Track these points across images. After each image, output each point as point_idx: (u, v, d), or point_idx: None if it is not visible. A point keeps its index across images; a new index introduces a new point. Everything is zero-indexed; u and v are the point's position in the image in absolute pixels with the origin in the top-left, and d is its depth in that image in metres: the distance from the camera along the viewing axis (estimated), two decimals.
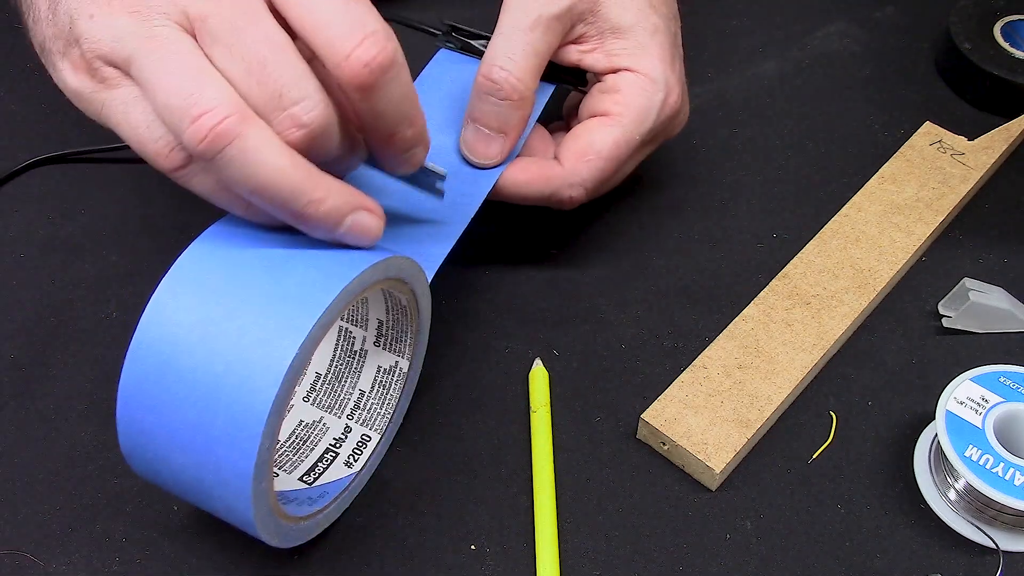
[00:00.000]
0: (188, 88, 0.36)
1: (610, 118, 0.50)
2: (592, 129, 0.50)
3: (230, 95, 0.36)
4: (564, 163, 0.50)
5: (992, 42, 0.63)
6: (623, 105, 0.50)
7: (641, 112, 0.50)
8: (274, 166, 0.36)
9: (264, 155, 0.36)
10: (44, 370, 0.51)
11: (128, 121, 0.39)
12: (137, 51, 0.38)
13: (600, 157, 0.50)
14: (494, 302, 0.54)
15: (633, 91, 0.50)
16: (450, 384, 0.51)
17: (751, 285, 0.54)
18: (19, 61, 0.67)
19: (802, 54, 0.67)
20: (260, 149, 0.36)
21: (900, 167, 0.59)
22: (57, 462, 0.48)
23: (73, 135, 0.62)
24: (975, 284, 0.53)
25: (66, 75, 0.41)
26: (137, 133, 0.39)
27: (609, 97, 0.51)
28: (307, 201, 0.37)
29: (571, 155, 0.50)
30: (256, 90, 0.36)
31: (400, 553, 0.45)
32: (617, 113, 0.50)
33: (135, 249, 0.56)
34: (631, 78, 0.51)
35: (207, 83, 0.36)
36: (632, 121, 0.50)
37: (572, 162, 0.50)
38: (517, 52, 0.48)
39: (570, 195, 0.50)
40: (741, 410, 0.48)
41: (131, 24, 0.38)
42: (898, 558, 0.45)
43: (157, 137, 0.39)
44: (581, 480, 0.47)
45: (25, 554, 0.45)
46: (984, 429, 0.45)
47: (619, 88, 0.51)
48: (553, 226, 0.57)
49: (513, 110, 0.49)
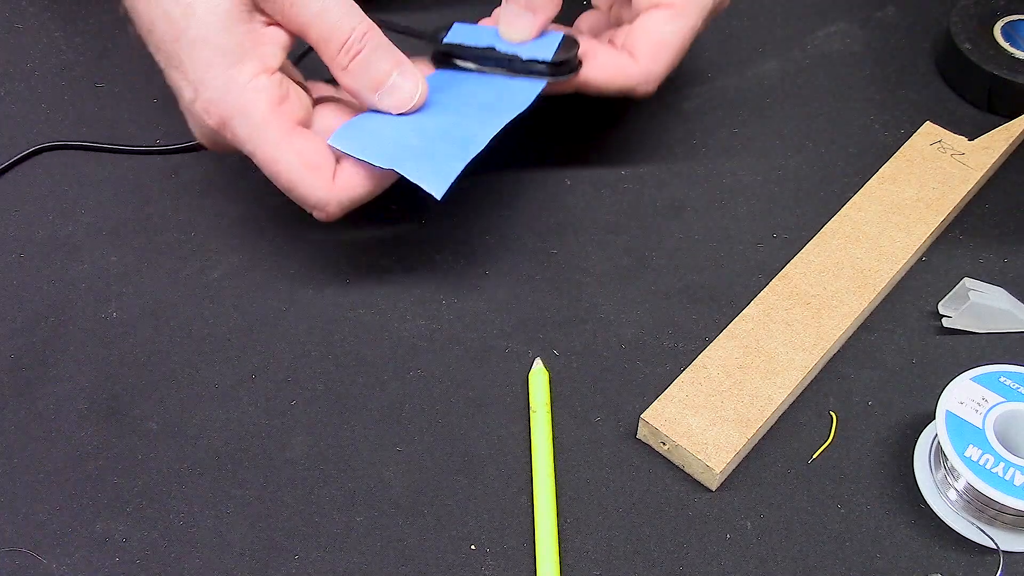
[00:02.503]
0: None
1: (673, 10, 0.53)
2: (660, 24, 0.53)
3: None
4: (639, 60, 0.53)
5: (992, 42, 0.63)
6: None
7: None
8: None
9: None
10: (44, 370, 0.51)
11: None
12: None
13: (672, 52, 0.53)
14: (494, 302, 0.54)
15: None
16: (450, 384, 0.51)
17: (751, 285, 0.54)
18: (21, 54, 0.67)
19: (802, 54, 0.67)
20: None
21: (900, 167, 0.59)
22: (57, 462, 0.48)
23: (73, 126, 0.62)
24: (975, 284, 0.53)
25: None
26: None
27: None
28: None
29: (645, 53, 0.53)
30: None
31: (400, 553, 0.45)
32: (680, 4, 0.53)
33: (135, 249, 0.56)
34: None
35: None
36: (694, 9, 0.53)
37: (647, 61, 0.53)
38: None
39: (647, 89, 0.54)
40: (741, 410, 0.48)
41: None
42: (898, 558, 0.45)
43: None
44: (581, 480, 0.47)
45: (27, 552, 0.45)
46: (984, 429, 0.45)
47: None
48: (553, 226, 0.57)
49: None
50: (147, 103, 0.64)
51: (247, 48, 0.47)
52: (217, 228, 0.57)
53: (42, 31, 0.69)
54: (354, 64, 0.48)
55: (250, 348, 0.52)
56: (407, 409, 0.50)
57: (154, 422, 0.49)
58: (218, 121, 0.48)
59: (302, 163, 0.48)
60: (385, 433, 0.49)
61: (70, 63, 0.67)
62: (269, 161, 0.48)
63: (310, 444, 0.48)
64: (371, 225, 0.57)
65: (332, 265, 0.55)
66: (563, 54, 0.53)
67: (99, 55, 0.67)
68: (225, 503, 0.46)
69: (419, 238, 0.57)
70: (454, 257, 0.56)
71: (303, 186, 0.48)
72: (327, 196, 0.49)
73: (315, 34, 0.48)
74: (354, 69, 0.49)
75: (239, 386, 0.50)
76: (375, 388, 0.50)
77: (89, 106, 0.64)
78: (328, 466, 0.48)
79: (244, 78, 0.47)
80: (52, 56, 0.67)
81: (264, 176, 0.49)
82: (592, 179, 0.59)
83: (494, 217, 0.58)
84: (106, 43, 0.68)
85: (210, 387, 0.50)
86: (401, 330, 0.53)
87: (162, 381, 0.51)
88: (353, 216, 0.50)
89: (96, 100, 0.64)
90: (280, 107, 0.48)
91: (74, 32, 0.69)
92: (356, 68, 0.49)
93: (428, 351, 0.52)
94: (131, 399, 0.50)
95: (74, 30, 0.69)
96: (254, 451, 0.48)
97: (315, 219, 0.50)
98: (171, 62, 0.48)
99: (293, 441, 0.49)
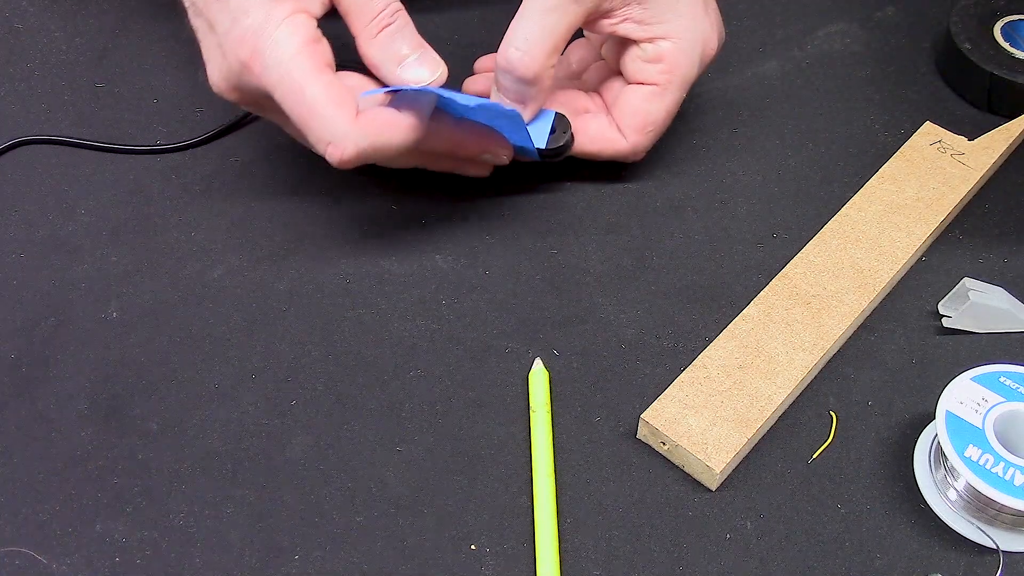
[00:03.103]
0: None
1: (659, 87, 0.55)
2: (646, 103, 0.55)
3: None
4: (628, 136, 0.56)
5: (992, 42, 0.63)
6: (668, 73, 0.55)
7: (686, 75, 0.55)
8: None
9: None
10: (44, 370, 0.51)
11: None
12: None
13: (658, 126, 0.56)
14: (494, 302, 0.54)
15: (675, 58, 0.54)
16: (450, 384, 0.51)
17: (751, 285, 0.54)
18: (21, 54, 0.67)
19: (802, 54, 0.67)
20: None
21: (900, 167, 0.59)
22: (57, 462, 0.48)
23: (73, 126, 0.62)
24: (975, 284, 0.53)
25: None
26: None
27: (653, 67, 0.55)
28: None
29: (632, 129, 0.56)
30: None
31: (400, 553, 0.45)
32: (665, 82, 0.55)
33: (135, 249, 0.56)
34: (669, 46, 0.54)
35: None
36: (679, 86, 0.55)
37: (634, 136, 0.56)
38: (533, 34, 0.51)
39: (635, 158, 0.58)
40: (741, 410, 0.48)
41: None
42: (898, 558, 0.45)
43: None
44: (581, 480, 0.47)
45: (27, 552, 0.45)
46: (984, 429, 0.45)
47: (662, 57, 0.54)
48: (553, 226, 0.57)
49: (528, 86, 0.53)
50: (147, 103, 0.64)
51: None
52: (217, 228, 0.57)
53: (42, 31, 0.69)
54: (383, 35, 0.50)
55: (250, 348, 0.52)
56: (407, 409, 0.50)
57: (154, 422, 0.49)
58: (250, 51, 0.48)
59: (328, 96, 0.48)
60: (385, 433, 0.49)
61: (70, 63, 0.67)
62: (293, 94, 0.48)
63: (310, 444, 0.48)
64: (371, 225, 0.57)
65: (332, 265, 0.55)
66: (556, 140, 0.55)
67: (99, 55, 0.67)
68: (225, 503, 0.46)
69: (419, 238, 0.57)
70: (454, 257, 0.56)
71: (325, 118, 0.48)
72: (347, 131, 0.48)
73: (349, 1, 0.50)
74: (382, 39, 0.50)
75: (239, 386, 0.50)
76: (375, 388, 0.50)
77: (89, 106, 0.64)
78: (328, 466, 0.48)
79: (282, 13, 0.48)
80: (52, 56, 0.67)
81: (264, 176, 0.49)
82: (592, 179, 0.59)
83: (494, 217, 0.58)
84: (106, 43, 0.68)
85: (210, 387, 0.50)
86: (401, 330, 0.53)
87: (162, 381, 0.51)
88: (354, 216, 0.50)
89: (96, 100, 0.64)
90: (313, 45, 0.49)
91: (74, 32, 0.69)
92: (384, 39, 0.50)
93: (428, 351, 0.52)
94: (131, 399, 0.50)
95: (74, 30, 0.69)
96: (254, 451, 0.48)
97: (316, 215, 0.50)
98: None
99: (293, 441, 0.49)
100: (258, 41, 0.48)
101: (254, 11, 0.48)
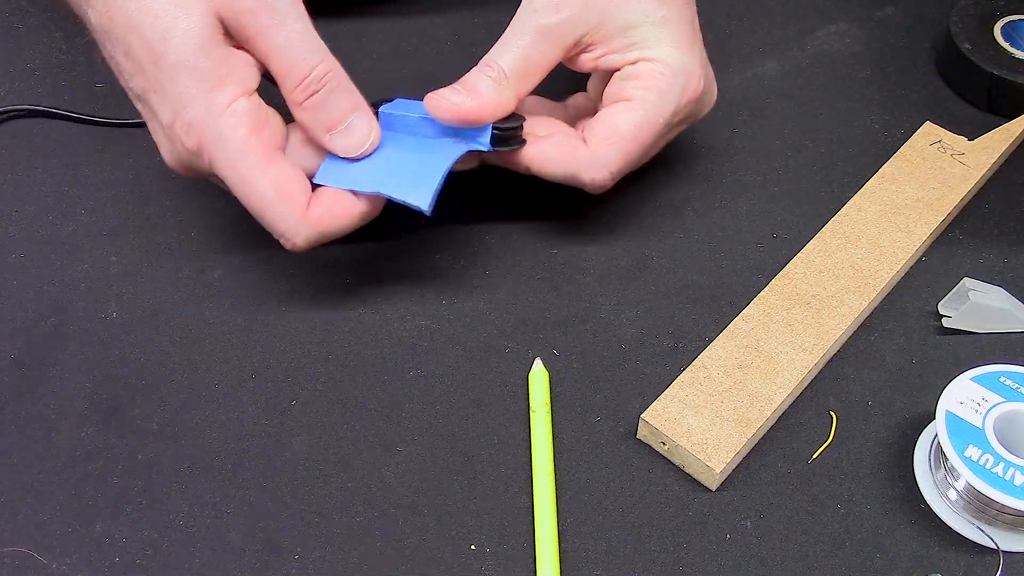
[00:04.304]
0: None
1: (633, 102, 0.52)
2: (616, 112, 0.52)
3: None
4: (590, 145, 0.52)
5: (992, 42, 0.63)
6: (644, 89, 0.52)
7: (663, 95, 0.52)
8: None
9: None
10: (44, 370, 0.51)
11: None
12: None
13: (624, 139, 0.51)
14: (494, 302, 0.54)
15: (652, 76, 0.52)
16: (450, 384, 0.51)
17: (751, 285, 0.54)
18: (21, 54, 0.67)
19: (802, 54, 0.67)
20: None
21: (900, 167, 0.59)
22: (57, 462, 0.48)
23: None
24: (975, 284, 0.53)
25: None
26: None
27: (630, 83, 0.52)
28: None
29: (596, 138, 0.52)
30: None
31: (400, 553, 0.45)
32: (639, 97, 0.52)
33: (135, 249, 0.56)
34: (649, 65, 0.52)
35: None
36: (654, 104, 0.51)
37: (597, 144, 0.51)
38: (507, 54, 0.50)
39: (593, 177, 0.52)
40: (741, 410, 0.48)
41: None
42: (898, 558, 0.45)
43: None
44: (581, 480, 0.47)
45: (27, 552, 0.45)
46: (984, 429, 0.45)
47: (639, 75, 0.52)
48: (553, 226, 0.57)
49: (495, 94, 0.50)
50: None
51: (225, 71, 0.47)
52: (217, 228, 0.57)
53: (42, 31, 0.69)
54: (310, 102, 0.48)
55: (250, 348, 0.52)
56: (407, 409, 0.50)
57: (154, 422, 0.49)
58: (196, 144, 0.47)
59: (276, 191, 0.48)
60: (385, 433, 0.49)
61: (70, 63, 0.67)
62: (243, 186, 0.48)
63: (310, 444, 0.48)
64: (371, 225, 0.57)
65: (332, 265, 0.55)
66: (504, 120, 0.51)
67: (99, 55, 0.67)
68: (225, 503, 0.46)
69: (419, 238, 0.57)
70: (454, 257, 0.56)
71: (274, 214, 0.48)
72: (296, 227, 0.48)
73: (276, 66, 0.48)
74: (310, 107, 0.48)
75: (239, 386, 0.51)
76: (375, 388, 0.50)
77: (89, 106, 0.64)
78: (328, 466, 0.48)
79: (224, 101, 0.47)
80: (52, 56, 0.67)
81: None
82: None
83: (494, 217, 0.58)
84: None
85: (210, 387, 0.50)
86: (401, 330, 0.53)
87: (162, 381, 0.51)
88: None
89: (96, 100, 0.64)
90: (259, 133, 0.48)
91: (74, 32, 0.69)
92: (312, 106, 0.48)
93: (428, 351, 0.52)
94: (131, 399, 0.50)
95: (74, 30, 0.69)
96: (254, 451, 0.48)
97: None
98: (150, 85, 0.48)
99: (293, 441, 0.49)
100: (202, 135, 0.47)
101: (193, 103, 0.47)
